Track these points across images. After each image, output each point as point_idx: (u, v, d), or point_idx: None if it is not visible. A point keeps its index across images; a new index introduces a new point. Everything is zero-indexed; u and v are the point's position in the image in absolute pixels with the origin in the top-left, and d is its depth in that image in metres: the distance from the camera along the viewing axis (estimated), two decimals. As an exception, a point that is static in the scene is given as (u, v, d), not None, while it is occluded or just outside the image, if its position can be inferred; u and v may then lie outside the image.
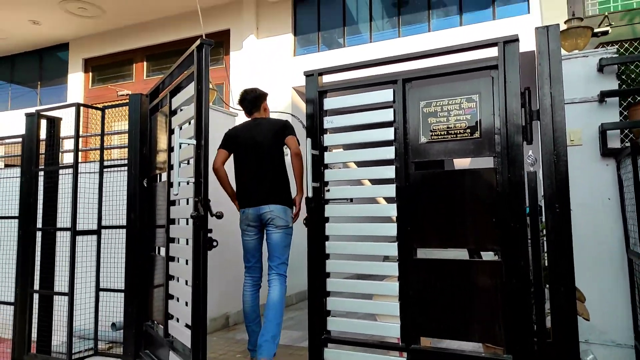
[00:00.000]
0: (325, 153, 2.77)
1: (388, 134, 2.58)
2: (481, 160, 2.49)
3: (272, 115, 5.77)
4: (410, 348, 2.42)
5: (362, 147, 2.72)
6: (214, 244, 2.50)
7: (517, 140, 2.27)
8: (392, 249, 2.52)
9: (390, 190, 2.55)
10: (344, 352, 2.61)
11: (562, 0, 4.46)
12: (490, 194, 2.31)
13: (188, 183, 2.57)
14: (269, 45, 5.80)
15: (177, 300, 2.73)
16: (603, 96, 2.69)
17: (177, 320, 2.66)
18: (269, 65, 5.74)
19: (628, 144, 2.63)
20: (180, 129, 2.67)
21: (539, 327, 2.23)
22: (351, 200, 2.85)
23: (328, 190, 2.75)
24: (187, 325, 2.53)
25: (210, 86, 4.22)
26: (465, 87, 2.42)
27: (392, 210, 2.53)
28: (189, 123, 2.72)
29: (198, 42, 2.50)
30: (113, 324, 3.83)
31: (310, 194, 2.67)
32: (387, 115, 2.59)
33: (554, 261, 2.15)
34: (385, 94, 2.61)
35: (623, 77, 2.81)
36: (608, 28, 3.66)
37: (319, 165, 2.76)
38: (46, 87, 7.53)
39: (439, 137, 2.46)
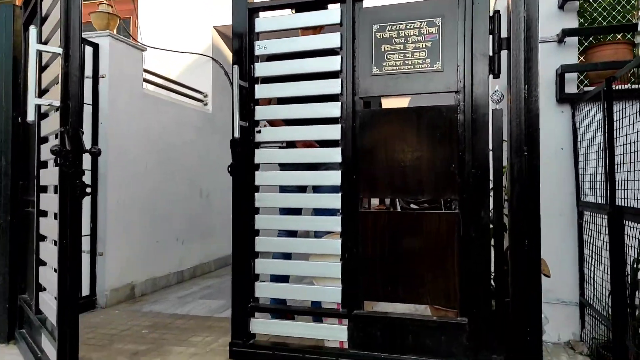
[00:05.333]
0: (255, 86, 2.27)
1: (333, 63, 2.15)
2: (432, 98, 2.17)
3: (189, 58, 5.06)
4: (353, 314, 2.07)
5: (301, 79, 2.25)
6: (87, 190, 1.85)
7: (483, 73, 1.96)
8: (335, 201, 2.13)
9: (335, 131, 2.14)
10: (274, 322, 2.22)
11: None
12: (449, 135, 1.99)
13: (57, 110, 1.92)
14: (185, -24, 5.03)
15: (52, 268, 2.12)
16: (564, 35, 2.46)
17: (51, 293, 2.07)
18: None
19: (589, 88, 2.44)
20: (45, 43, 2.00)
21: (498, 286, 2.00)
22: (285, 144, 2.40)
23: (259, 132, 2.27)
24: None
25: (111, 10, 3.48)
26: (427, 8, 2.05)
27: (336, 155, 2.13)
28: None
29: None
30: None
31: (237, 134, 2.17)
32: (333, 40, 2.15)
33: (517, 212, 1.88)
34: (331, 15, 2.17)
35: (585, 16, 2.60)
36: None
37: (248, 100, 2.26)
38: None
39: (394, 68, 2.07)
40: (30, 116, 1.69)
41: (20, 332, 2.49)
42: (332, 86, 2.15)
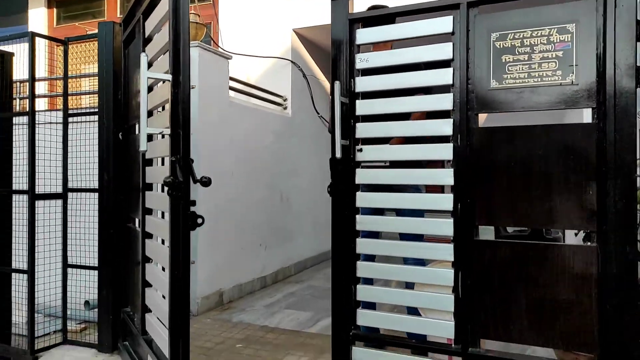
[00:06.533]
0: (357, 101, 2.14)
1: (444, 76, 1.96)
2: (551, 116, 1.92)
3: (268, 62, 5.04)
4: (469, 352, 1.90)
5: (399, 94, 2.10)
6: (199, 221, 1.79)
7: (628, 86, 1.69)
8: (446, 227, 1.96)
9: (446, 150, 1.96)
10: (379, 354, 2.09)
11: None
12: (586, 158, 1.74)
13: (163, 136, 1.91)
14: (264, -22, 4.98)
15: (157, 290, 2.13)
16: None
17: (156, 316, 2.07)
18: (265, 2, 4.94)
19: None
20: (149, 66, 1.97)
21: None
22: (387, 163, 2.24)
23: (360, 150, 2.14)
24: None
25: (198, 20, 3.49)
26: (558, 13, 1.80)
27: (447, 177, 1.95)
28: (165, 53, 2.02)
29: None
30: (87, 302, 3.24)
31: (339, 154, 2.05)
32: (444, 51, 1.96)
33: (673, 248, 1.61)
34: (442, 23, 1.97)
35: None
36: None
37: (348, 117, 2.13)
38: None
39: (517, 81, 1.85)
40: (143, 146, 1.67)
41: (124, 345, 2.56)
42: (443, 101, 1.97)
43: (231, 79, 3.88)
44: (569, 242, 3.22)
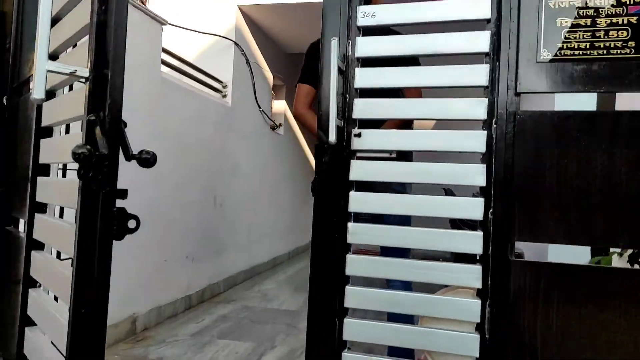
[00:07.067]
0: (356, 69, 1.59)
1: (478, 41, 1.48)
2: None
3: (207, 41, 4.32)
4: (500, 416, 1.40)
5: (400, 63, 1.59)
6: (131, 224, 1.07)
7: None
8: (474, 242, 1.46)
9: (477, 140, 1.47)
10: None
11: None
12: (664, 156, 1.34)
13: (71, 88, 1.23)
14: (205, -54, 4.28)
15: (43, 333, 1.37)
16: None
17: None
18: (205, -27, 4.24)
19: None
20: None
21: None
22: (392, 153, 1.70)
23: (358, 135, 1.58)
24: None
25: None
26: (632, -33, 1.40)
27: (479, 175, 1.46)
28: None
29: None
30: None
31: (332, 138, 1.48)
32: (480, 7, 1.48)
33: None
34: (479, -29, 1.50)
35: None
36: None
37: (343, 90, 1.58)
38: None
39: (576, 52, 1.42)
40: (39, 92, 0.95)
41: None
42: (476, 75, 1.49)
43: (164, 51, 3.15)
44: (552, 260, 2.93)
